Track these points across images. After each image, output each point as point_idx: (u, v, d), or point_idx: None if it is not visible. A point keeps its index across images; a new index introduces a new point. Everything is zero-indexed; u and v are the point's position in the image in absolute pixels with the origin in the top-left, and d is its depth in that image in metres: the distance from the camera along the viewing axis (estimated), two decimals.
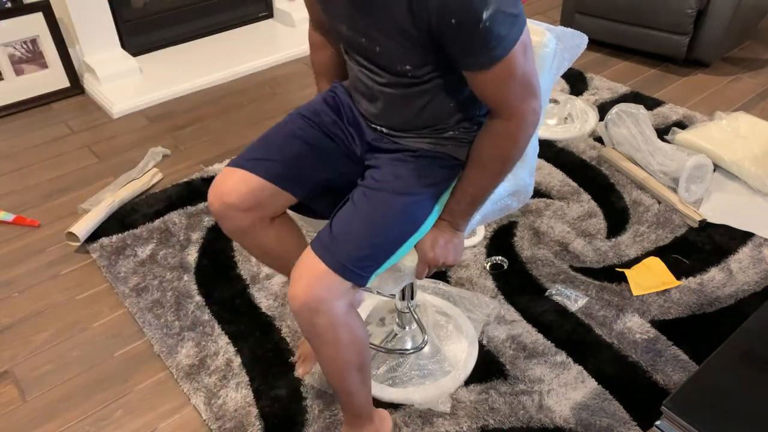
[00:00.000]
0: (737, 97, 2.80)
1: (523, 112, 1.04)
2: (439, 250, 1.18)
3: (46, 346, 1.75)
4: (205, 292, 1.88)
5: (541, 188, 2.25)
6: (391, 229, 1.12)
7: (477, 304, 1.78)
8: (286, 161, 1.21)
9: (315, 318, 1.10)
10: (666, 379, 1.58)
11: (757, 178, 2.17)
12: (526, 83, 1.01)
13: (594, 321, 1.74)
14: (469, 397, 1.55)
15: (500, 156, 1.09)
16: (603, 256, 1.96)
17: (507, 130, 1.06)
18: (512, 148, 1.08)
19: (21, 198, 2.34)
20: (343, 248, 1.09)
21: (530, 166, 1.30)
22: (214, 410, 1.54)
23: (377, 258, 1.12)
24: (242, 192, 1.20)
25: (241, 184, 1.20)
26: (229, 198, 1.20)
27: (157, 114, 2.83)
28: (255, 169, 1.20)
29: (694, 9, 2.75)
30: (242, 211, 1.21)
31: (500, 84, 1.00)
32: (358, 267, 1.09)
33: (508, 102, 1.03)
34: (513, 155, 1.09)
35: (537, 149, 1.29)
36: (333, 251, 1.09)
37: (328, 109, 1.26)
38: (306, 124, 1.24)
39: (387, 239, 1.12)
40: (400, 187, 1.14)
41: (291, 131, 1.23)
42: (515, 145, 1.08)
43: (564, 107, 2.61)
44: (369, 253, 1.10)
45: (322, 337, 1.13)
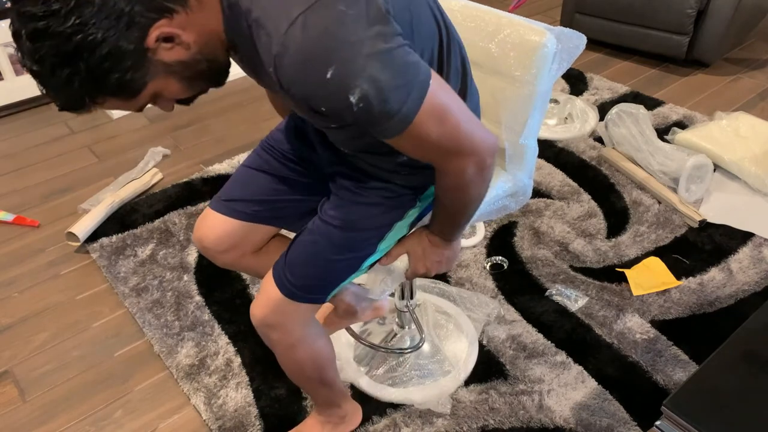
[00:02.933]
0: (737, 97, 2.80)
1: (457, 170, 0.95)
2: (430, 264, 1.18)
3: (46, 346, 1.75)
4: (205, 292, 1.88)
5: (541, 188, 2.25)
6: (335, 263, 1.13)
7: (477, 304, 1.78)
8: (257, 198, 1.22)
9: (271, 335, 1.17)
10: (666, 379, 1.58)
11: (757, 178, 2.17)
12: (449, 147, 0.90)
13: (594, 321, 1.74)
14: (469, 397, 1.55)
15: (459, 199, 1.02)
16: (603, 256, 1.96)
17: (450, 182, 0.98)
18: (464, 196, 1.01)
19: (21, 198, 2.34)
20: (294, 276, 1.12)
21: (529, 168, 1.30)
22: (214, 410, 1.54)
23: (326, 287, 1.15)
24: (216, 235, 1.22)
25: (215, 227, 1.22)
26: (204, 242, 1.24)
27: (157, 114, 2.83)
28: (227, 211, 1.22)
29: (694, 9, 2.75)
30: (220, 252, 1.24)
31: (417, 148, 0.91)
32: (308, 294, 1.13)
33: (436, 162, 0.95)
34: (471, 199, 1.02)
35: (536, 151, 1.29)
36: (286, 278, 1.12)
37: (286, 136, 1.25)
38: (269, 156, 1.24)
39: (333, 270, 1.14)
40: (347, 222, 1.12)
41: (257, 166, 1.24)
42: (466, 193, 1.00)
43: (564, 107, 2.61)
44: (316, 283, 1.13)
45: (278, 350, 1.21)
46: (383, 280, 1.24)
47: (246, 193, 1.22)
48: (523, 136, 1.23)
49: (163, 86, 0.86)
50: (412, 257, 1.19)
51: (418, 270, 1.19)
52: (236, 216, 1.22)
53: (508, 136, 1.26)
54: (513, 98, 1.21)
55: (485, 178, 0.98)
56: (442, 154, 0.91)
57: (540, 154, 2.43)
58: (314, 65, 0.78)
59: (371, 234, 1.13)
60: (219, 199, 1.24)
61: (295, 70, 0.79)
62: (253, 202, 1.22)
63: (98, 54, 0.76)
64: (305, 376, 1.27)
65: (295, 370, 1.26)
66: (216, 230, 1.22)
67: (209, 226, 1.23)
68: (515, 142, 1.25)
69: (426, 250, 1.17)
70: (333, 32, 0.77)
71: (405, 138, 0.87)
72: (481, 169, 0.95)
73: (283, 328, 1.16)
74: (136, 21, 0.77)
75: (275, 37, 0.79)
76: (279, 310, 1.14)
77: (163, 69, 0.83)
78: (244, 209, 1.22)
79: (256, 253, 1.29)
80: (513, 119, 1.23)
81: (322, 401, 1.39)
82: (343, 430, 1.45)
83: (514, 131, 1.24)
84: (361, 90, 0.79)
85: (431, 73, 0.84)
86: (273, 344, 1.20)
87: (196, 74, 0.87)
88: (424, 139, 0.88)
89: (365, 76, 0.78)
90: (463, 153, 0.91)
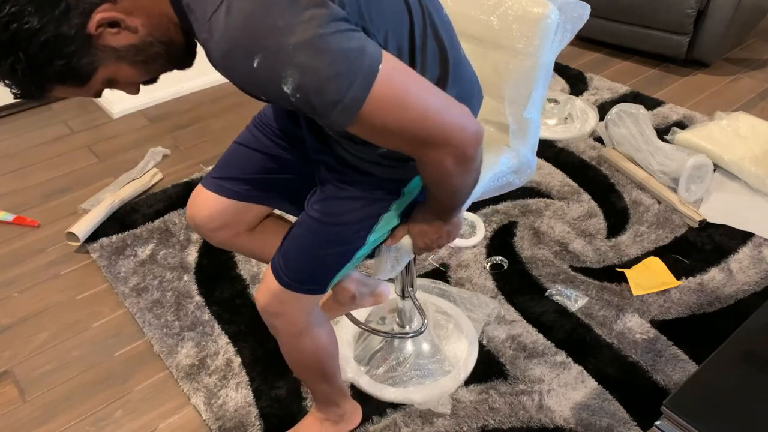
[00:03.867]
0: (737, 97, 2.79)
1: (433, 162, 0.88)
2: (429, 240, 1.16)
3: (46, 346, 1.75)
4: (205, 292, 1.88)
5: (541, 188, 2.25)
6: (324, 257, 1.12)
7: (477, 304, 1.78)
8: (247, 176, 1.20)
9: (275, 322, 1.18)
10: (666, 379, 1.58)
11: (757, 178, 2.17)
12: (417, 137, 0.83)
13: (594, 321, 1.74)
14: (469, 397, 1.55)
15: (444, 189, 0.96)
16: (603, 256, 1.96)
17: (430, 173, 0.92)
18: (448, 187, 0.95)
19: (21, 198, 2.34)
20: (288, 269, 1.12)
21: (532, 144, 1.28)
22: (214, 410, 1.54)
23: (321, 279, 1.14)
24: (207, 213, 1.20)
25: (205, 206, 1.20)
26: (196, 219, 1.22)
27: (157, 114, 2.83)
28: (218, 189, 1.20)
29: (694, 9, 2.75)
30: (212, 230, 1.22)
31: (380, 138, 0.84)
32: (304, 285, 1.13)
33: (408, 152, 0.88)
34: (457, 189, 0.96)
35: (539, 125, 1.27)
36: (282, 270, 1.13)
37: (276, 113, 1.22)
38: (259, 133, 1.22)
39: (324, 263, 1.13)
40: (331, 216, 1.11)
41: (248, 143, 1.21)
42: (450, 184, 0.94)
43: (564, 107, 2.61)
44: (309, 276, 1.13)
45: (282, 339, 1.22)
46: (393, 258, 1.22)
47: (236, 171, 1.20)
48: (527, 109, 1.21)
49: (116, 71, 0.83)
50: (412, 235, 1.17)
51: (420, 245, 1.17)
52: (227, 194, 1.20)
53: (512, 111, 1.24)
54: (516, 71, 1.19)
55: (469, 169, 0.91)
56: (411, 144, 0.85)
57: (540, 154, 2.43)
58: (239, 54, 0.74)
59: (358, 227, 1.11)
60: (210, 176, 1.22)
61: (222, 58, 0.76)
62: (243, 181, 1.20)
63: (36, 42, 0.75)
64: (306, 368, 1.27)
65: (297, 361, 1.26)
66: (207, 208, 1.20)
67: (200, 204, 1.21)
68: (519, 117, 1.23)
69: (424, 229, 1.14)
70: (258, 17, 0.72)
71: (360, 128, 0.81)
72: (462, 161, 0.88)
73: (286, 317, 1.16)
74: (74, 7, 0.75)
75: (202, 23, 0.77)
76: (279, 300, 1.14)
77: (113, 54, 0.81)
78: (234, 187, 1.19)
79: (251, 232, 1.27)
80: (516, 93, 1.21)
81: (321, 398, 1.39)
82: (342, 429, 1.45)
83: (518, 105, 1.22)
84: (293, 80, 0.74)
85: (382, 58, 0.77)
86: (277, 332, 1.20)
87: (150, 57, 0.85)
88: (381, 129, 0.81)
89: (295, 65, 0.73)
90: (435, 144, 0.85)
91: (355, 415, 1.48)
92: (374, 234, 1.13)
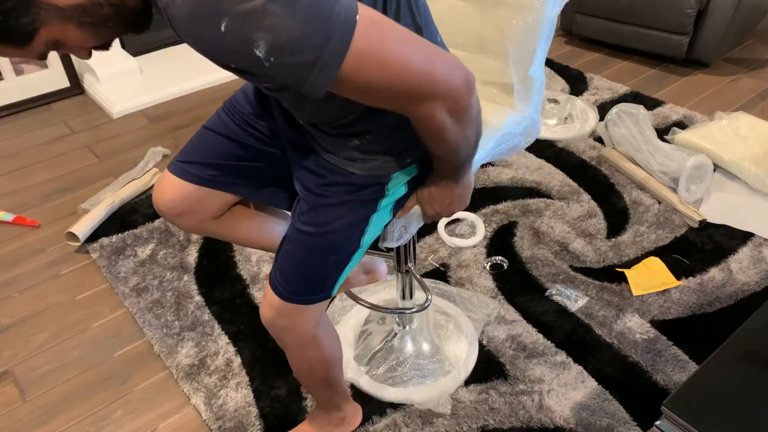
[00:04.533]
0: (737, 97, 2.80)
1: (424, 116, 0.83)
2: (439, 207, 1.10)
3: (46, 346, 1.75)
4: (205, 292, 1.88)
5: (541, 188, 2.25)
6: (321, 266, 1.10)
7: (477, 304, 1.78)
8: (213, 161, 1.15)
9: (283, 336, 1.17)
10: (666, 379, 1.58)
11: (757, 178, 2.17)
12: (404, 91, 0.78)
13: (594, 321, 1.74)
14: (469, 397, 1.55)
15: (442, 146, 0.90)
16: (603, 256, 1.96)
17: (423, 129, 0.87)
18: (446, 143, 0.89)
19: (21, 198, 2.34)
20: (287, 283, 1.10)
21: (536, 104, 1.26)
22: (214, 410, 1.54)
23: (322, 287, 1.12)
24: (170, 198, 1.16)
25: (169, 190, 1.16)
26: (159, 204, 1.18)
27: (157, 114, 2.83)
28: (182, 173, 1.15)
29: (694, 9, 2.75)
30: (175, 216, 1.18)
31: (364, 97, 0.79)
32: (307, 296, 1.11)
33: (398, 109, 0.83)
34: (456, 144, 0.90)
35: (543, 84, 1.24)
36: (282, 286, 1.11)
37: (247, 98, 1.16)
38: (229, 118, 1.16)
39: (323, 272, 1.11)
40: (318, 227, 1.07)
41: (216, 128, 1.16)
42: (446, 140, 0.88)
43: (564, 107, 2.61)
44: (309, 287, 1.11)
45: (290, 350, 1.21)
46: (401, 226, 1.20)
47: (202, 155, 1.15)
48: (532, 67, 1.19)
49: (61, 33, 0.77)
50: (421, 202, 1.11)
51: (429, 213, 1.12)
52: (190, 179, 1.15)
53: (516, 70, 1.21)
54: (520, 28, 1.17)
55: (465, 121, 0.85)
56: (398, 100, 0.80)
57: (540, 154, 2.43)
58: (204, 18, 0.68)
59: (348, 233, 1.08)
60: (176, 160, 1.17)
61: (186, 24, 0.70)
62: (208, 166, 1.14)
63: None
64: (313, 376, 1.26)
65: (303, 369, 1.25)
66: (170, 193, 1.15)
67: (164, 189, 1.16)
68: (524, 75, 1.20)
69: (434, 194, 1.08)
70: None
71: (343, 88, 0.76)
72: (456, 112, 0.83)
73: (293, 329, 1.14)
74: None
75: None
76: (284, 313, 1.12)
77: (57, 14, 0.75)
78: (199, 172, 1.14)
79: (218, 219, 1.22)
80: (521, 50, 1.18)
81: (323, 402, 1.38)
82: (342, 431, 1.45)
83: (523, 62, 1.19)
84: (265, 42, 0.68)
85: (358, 8, 0.72)
86: (285, 345, 1.19)
87: (99, 20, 0.78)
88: (365, 87, 0.76)
89: (266, 26, 0.67)
90: (423, 97, 0.79)
91: (355, 417, 1.48)
92: (367, 235, 1.11)
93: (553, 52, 3.24)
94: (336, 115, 0.97)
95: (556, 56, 3.20)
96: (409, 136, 0.98)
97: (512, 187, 2.26)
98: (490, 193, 2.24)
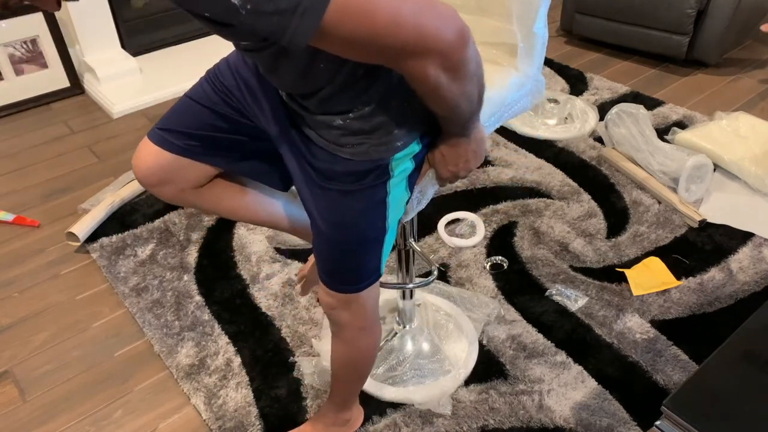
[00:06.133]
0: (737, 97, 2.80)
1: (416, 74, 0.78)
2: (453, 166, 1.04)
3: (46, 346, 1.75)
4: (205, 292, 1.88)
5: (541, 188, 2.25)
6: (356, 257, 1.09)
7: (477, 304, 1.78)
8: (192, 131, 1.11)
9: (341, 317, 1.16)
10: (666, 379, 1.58)
11: (757, 178, 2.17)
12: (392, 46, 0.73)
13: (594, 321, 1.74)
14: (469, 397, 1.55)
15: (441, 104, 0.86)
16: (603, 256, 1.96)
17: (418, 87, 0.82)
18: (443, 100, 0.84)
19: (21, 198, 2.34)
20: (335, 280, 1.11)
21: (539, 63, 1.24)
22: (214, 410, 1.54)
23: (370, 271, 1.11)
24: (147, 166, 1.12)
25: (147, 158, 1.12)
26: (137, 172, 1.14)
27: (157, 114, 2.83)
28: (160, 141, 1.12)
29: (694, 9, 2.75)
30: (153, 185, 1.14)
31: (350, 51, 0.75)
32: (354, 284, 1.11)
33: (387, 65, 0.79)
34: (454, 102, 0.85)
35: (546, 41, 1.22)
36: (331, 284, 1.12)
37: (231, 69, 1.10)
38: (210, 88, 1.11)
39: (363, 260, 1.09)
40: (336, 224, 1.05)
41: (197, 97, 1.12)
42: (443, 98, 0.83)
43: (564, 107, 2.61)
44: (356, 276, 1.11)
45: (347, 334, 1.19)
46: (418, 192, 1.16)
47: (181, 124, 1.11)
48: (536, 23, 1.16)
49: None
50: (435, 165, 1.06)
51: (444, 175, 1.06)
52: (168, 148, 1.11)
53: (520, 28, 1.18)
54: None
55: (462, 77, 0.80)
56: (386, 56, 0.75)
57: (540, 154, 2.43)
58: None
59: (369, 221, 1.05)
60: (155, 127, 1.13)
61: None
62: (187, 135, 1.11)
63: None
64: (357, 366, 1.26)
65: (351, 358, 1.24)
66: (148, 161, 1.12)
67: (142, 157, 1.13)
68: (528, 33, 1.18)
69: (446, 155, 1.02)
70: None
71: (325, 41, 0.72)
72: (450, 69, 0.78)
73: (353, 312, 1.15)
74: None
75: None
76: (342, 302, 1.14)
77: None
78: (177, 141, 1.11)
79: (198, 190, 1.19)
80: (524, 6, 1.16)
81: (342, 399, 1.37)
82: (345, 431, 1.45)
83: (527, 19, 1.17)
84: None
85: None
86: (342, 328, 1.18)
87: None
88: (349, 40, 0.72)
89: None
90: (413, 53, 0.75)
91: (359, 419, 1.48)
92: (390, 217, 1.07)
93: (553, 52, 3.25)
94: (314, 83, 0.90)
95: (556, 56, 3.20)
96: (395, 115, 0.95)
97: (512, 187, 2.26)
98: (490, 193, 2.24)
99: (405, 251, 1.48)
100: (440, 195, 2.23)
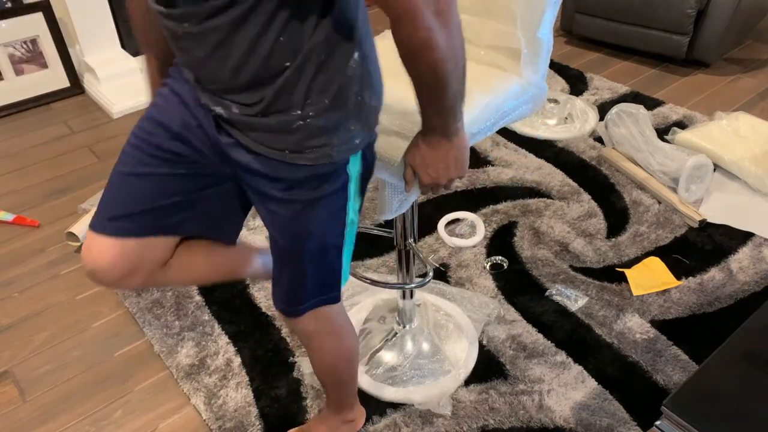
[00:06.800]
0: (737, 97, 2.80)
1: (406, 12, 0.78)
2: (434, 171, 1.00)
3: (46, 346, 1.75)
4: (205, 292, 1.88)
5: (541, 188, 2.25)
6: (320, 268, 1.06)
7: (477, 304, 1.78)
8: (140, 208, 1.01)
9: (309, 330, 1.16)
10: (666, 379, 1.58)
11: (757, 178, 2.17)
12: None
13: (594, 321, 1.74)
14: (469, 397, 1.55)
15: (426, 63, 0.83)
16: (603, 256, 1.96)
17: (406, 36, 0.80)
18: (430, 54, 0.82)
19: (21, 198, 2.34)
20: (295, 300, 1.09)
21: (542, 71, 1.24)
22: (214, 410, 1.54)
23: (332, 281, 1.10)
24: (108, 261, 1.02)
25: (105, 254, 1.01)
26: (96, 272, 1.03)
27: None
28: (117, 231, 1.01)
29: (694, 9, 2.75)
30: (118, 280, 1.04)
31: None
32: (318, 297, 1.10)
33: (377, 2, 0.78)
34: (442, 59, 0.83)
35: (551, 47, 1.21)
36: (291, 308, 1.10)
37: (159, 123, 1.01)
38: (142, 154, 1.00)
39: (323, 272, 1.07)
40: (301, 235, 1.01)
41: (130, 169, 1.01)
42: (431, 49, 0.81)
43: (564, 107, 2.61)
44: (315, 291, 1.09)
45: (321, 343, 1.19)
46: (397, 200, 1.16)
47: (127, 205, 1.01)
48: (540, 29, 1.16)
49: None
50: (415, 168, 1.02)
51: (425, 181, 1.02)
52: (128, 233, 1.01)
53: (524, 32, 1.18)
54: None
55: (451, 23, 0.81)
56: None
57: (540, 154, 2.43)
58: None
59: (330, 228, 1.02)
60: (102, 218, 1.02)
61: None
62: (142, 213, 1.01)
63: None
64: (337, 369, 1.25)
65: (328, 363, 1.24)
66: (106, 257, 1.01)
67: (98, 254, 1.01)
68: (532, 37, 1.18)
69: (425, 157, 0.99)
70: None
71: None
72: (440, 12, 0.78)
73: (320, 322, 1.15)
74: None
75: None
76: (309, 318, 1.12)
77: None
78: (134, 224, 1.01)
79: (164, 268, 1.09)
80: (529, 11, 1.16)
81: (338, 400, 1.37)
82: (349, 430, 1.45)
83: (531, 24, 1.17)
84: None
85: None
86: (309, 338, 1.17)
87: None
88: None
89: None
90: None
91: (360, 420, 1.48)
92: (348, 222, 1.04)
93: (554, 52, 3.24)
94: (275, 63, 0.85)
95: (556, 56, 3.20)
96: (353, 109, 0.93)
97: (512, 187, 2.26)
98: (490, 193, 2.24)
99: (405, 251, 1.48)
100: (440, 195, 2.23)
